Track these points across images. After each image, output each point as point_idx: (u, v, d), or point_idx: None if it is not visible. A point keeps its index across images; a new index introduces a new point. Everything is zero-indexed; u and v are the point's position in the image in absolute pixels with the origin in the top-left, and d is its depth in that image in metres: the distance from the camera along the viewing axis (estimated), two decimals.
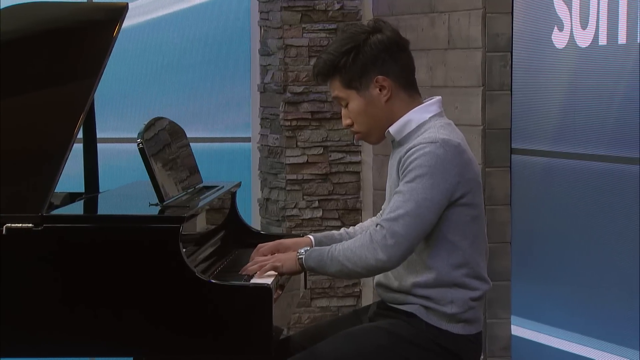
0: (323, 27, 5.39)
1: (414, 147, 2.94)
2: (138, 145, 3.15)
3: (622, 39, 3.94)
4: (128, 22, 4.84)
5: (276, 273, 3.09)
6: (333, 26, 5.38)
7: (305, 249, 3.04)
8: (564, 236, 4.30)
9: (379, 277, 3.10)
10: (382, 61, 3.01)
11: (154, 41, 5.64)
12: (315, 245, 3.18)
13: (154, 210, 3.12)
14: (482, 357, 4.59)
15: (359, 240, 2.94)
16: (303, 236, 3.49)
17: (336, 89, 3.06)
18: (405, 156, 2.95)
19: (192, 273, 2.94)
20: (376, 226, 2.93)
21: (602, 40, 4.04)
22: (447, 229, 2.96)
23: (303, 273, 3.52)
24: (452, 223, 2.96)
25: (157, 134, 3.33)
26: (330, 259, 2.97)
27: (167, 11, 5.64)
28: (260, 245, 3.18)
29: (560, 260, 4.32)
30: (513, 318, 4.60)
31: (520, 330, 4.57)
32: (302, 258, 3.02)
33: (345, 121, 3.09)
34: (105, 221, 3.05)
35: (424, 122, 3.02)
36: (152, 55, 5.64)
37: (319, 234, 3.29)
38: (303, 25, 5.38)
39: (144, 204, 3.22)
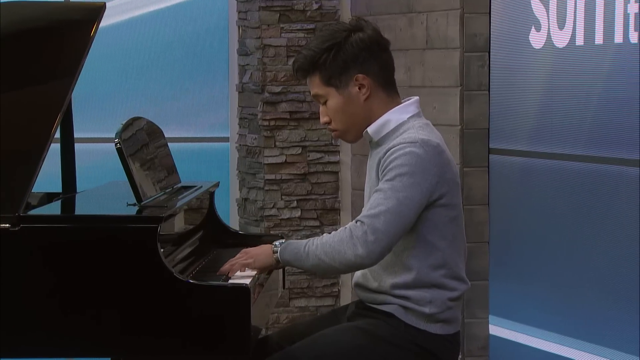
0: (301, 27, 5.39)
1: (393, 147, 2.95)
2: (116, 145, 3.14)
3: (598, 39, 3.96)
4: (106, 22, 4.83)
5: (254, 273, 3.09)
6: (311, 26, 5.38)
7: (281, 241, 3.03)
8: (541, 236, 4.31)
9: (357, 278, 3.10)
10: (362, 60, 3.01)
11: (132, 41, 5.62)
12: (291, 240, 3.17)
13: (132, 211, 3.12)
14: (460, 356, 4.60)
15: (337, 235, 2.94)
16: (280, 236, 3.49)
17: (315, 86, 3.06)
18: (385, 156, 2.96)
19: (170, 273, 2.94)
20: (356, 222, 2.93)
21: (579, 40, 4.06)
22: (426, 229, 2.97)
23: (281, 272, 3.53)
24: (431, 224, 2.97)
25: (134, 134, 3.32)
26: (306, 253, 2.96)
27: (144, 10, 5.63)
28: (244, 250, 3.16)
29: (538, 260, 4.33)
30: (491, 318, 4.61)
31: (498, 329, 4.58)
32: (277, 251, 3.01)
33: (323, 118, 3.09)
34: (82, 221, 3.04)
35: (403, 122, 3.03)
36: (130, 55, 5.62)
37: (300, 240, 3.27)
38: (281, 25, 5.38)
39: (121, 204, 3.21)
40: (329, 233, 3.32)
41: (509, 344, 4.50)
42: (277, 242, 3.03)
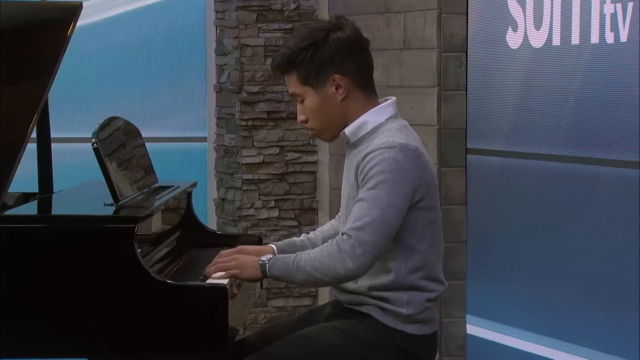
0: (279, 26, 5.39)
1: (372, 153, 2.93)
2: (92, 145, 3.13)
3: (575, 39, 3.97)
4: (82, 21, 4.81)
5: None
6: (289, 26, 5.38)
7: (268, 256, 3.00)
8: (518, 236, 4.33)
9: None
10: (340, 60, 3.00)
11: (108, 40, 5.60)
12: (277, 254, 3.15)
13: (109, 211, 3.11)
14: (437, 356, 4.61)
15: (325, 250, 2.92)
16: (260, 238, 3.49)
17: (292, 85, 3.05)
18: (364, 162, 2.94)
19: (147, 273, 2.93)
20: (342, 235, 2.91)
21: (556, 40, 4.07)
22: (405, 233, 2.96)
23: None
24: (411, 227, 2.97)
25: (112, 134, 3.31)
26: (296, 268, 2.94)
27: (122, 10, 5.61)
28: (222, 252, 3.15)
29: (515, 259, 4.35)
30: (468, 317, 4.62)
31: (475, 329, 4.59)
32: (265, 266, 2.99)
33: (300, 117, 3.08)
34: (59, 221, 3.03)
35: (380, 124, 3.02)
36: (108, 54, 5.60)
37: (280, 242, 3.26)
38: (259, 25, 5.37)
39: (98, 204, 3.20)
40: (307, 233, 3.33)
41: (487, 344, 4.51)
42: (264, 258, 3.00)
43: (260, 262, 2.99)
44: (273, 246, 3.21)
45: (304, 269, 2.93)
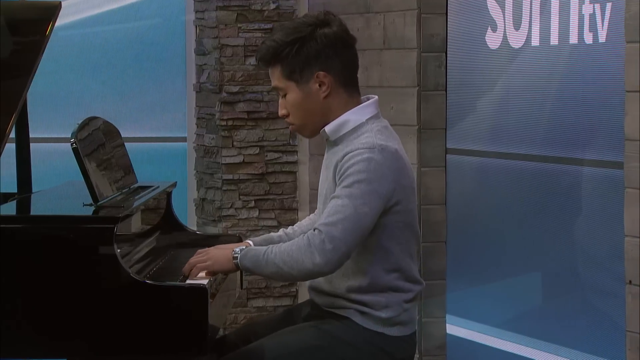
0: (259, 26, 5.39)
1: (351, 152, 2.93)
2: (72, 145, 3.12)
3: (554, 39, 3.98)
4: (62, 21, 4.80)
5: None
6: (269, 26, 5.38)
7: (241, 247, 3.01)
8: (498, 235, 4.34)
9: (310, 281, 3.10)
10: (325, 56, 2.99)
11: (88, 40, 5.59)
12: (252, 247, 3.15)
13: (88, 211, 3.10)
14: (417, 356, 4.61)
15: (296, 244, 2.92)
16: (240, 238, 3.48)
17: (276, 78, 3.03)
18: (343, 161, 2.94)
19: (126, 274, 2.93)
20: (314, 230, 2.91)
21: (535, 41, 4.09)
22: (381, 235, 2.96)
23: (239, 273, 3.52)
24: (387, 230, 2.96)
25: (91, 134, 3.30)
26: (265, 261, 2.94)
27: (102, 9, 5.59)
28: (200, 250, 3.15)
29: (495, 259, 4.36)
30: (448, 317, 4.63)
31: (455, 328, 4.60)
32: (237, 257, 2.99)
33: (281, 111, 3.07)
34: (38, 222, 3.02)
35: (361, 124, 3.01)
36: (87, 54, 5.59)
37: (257, 238, 3.26)
38: (239, 25, 5.37)
39: (77, 204, 3.19)
40: (286, 228, 3.32)
41: (466, 343, 4.52)
42: (237, 249, 2.99)
43: (233, 253, 2.99)
44: (250, 241, 3.21)
45: (273, 261, 2.92)
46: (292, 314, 3.22)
